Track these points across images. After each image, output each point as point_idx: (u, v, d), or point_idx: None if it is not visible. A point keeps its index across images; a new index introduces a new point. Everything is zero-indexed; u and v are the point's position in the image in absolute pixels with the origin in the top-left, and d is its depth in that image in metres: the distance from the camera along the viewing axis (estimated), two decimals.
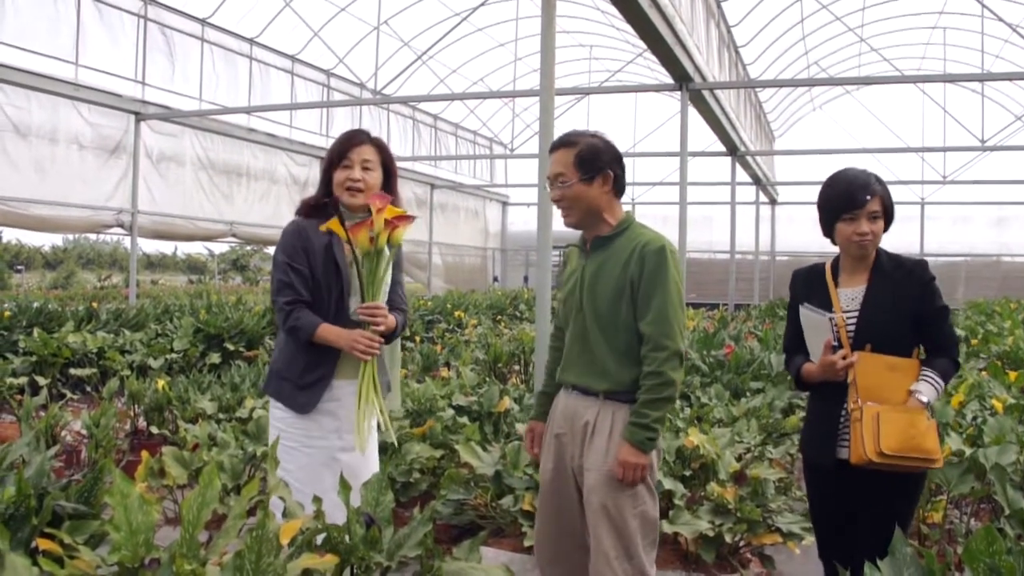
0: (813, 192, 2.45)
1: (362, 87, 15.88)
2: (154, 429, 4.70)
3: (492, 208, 23.00)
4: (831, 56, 18.20)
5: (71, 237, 40.21)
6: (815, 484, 2.48)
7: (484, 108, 20.04)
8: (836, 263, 2.45)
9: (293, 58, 14.26)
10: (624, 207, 2.43)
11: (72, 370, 6.42)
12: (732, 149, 13.64)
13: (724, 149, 13.78)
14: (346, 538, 1.80)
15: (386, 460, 3.62)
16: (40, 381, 5.68)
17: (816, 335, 2.36)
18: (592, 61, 18.72)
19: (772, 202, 20.93)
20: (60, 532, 1.72)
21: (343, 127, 12.81)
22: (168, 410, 4.79)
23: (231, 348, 7.65)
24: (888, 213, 2.33)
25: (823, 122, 20.80)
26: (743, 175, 15.73)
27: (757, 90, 16.71)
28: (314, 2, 13.57)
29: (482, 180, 21.52)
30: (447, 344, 8.77)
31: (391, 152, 2.60)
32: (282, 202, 13.59)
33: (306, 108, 14.37)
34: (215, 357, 7.26)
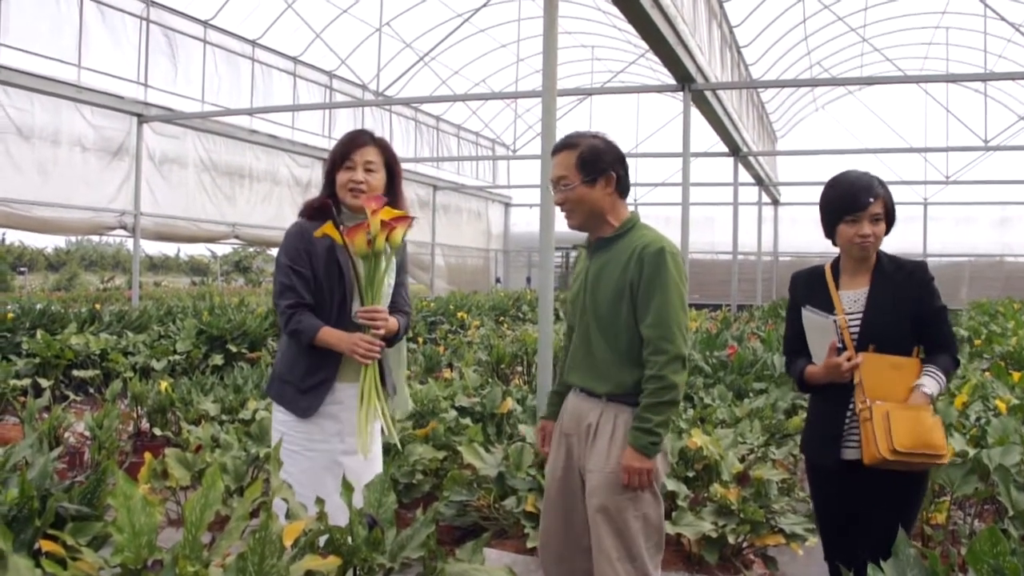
0: (816, 193, 2.45)
1: (364, 88, 15.89)
2: (157, 431, 4.71)
3: (495, 209, 23.02)
4: (833, 56, 18.18)
5: (74, 239, 40.38)
6: (818, 485, 2.48)
7: (486, 109, 20.06)
8: (836, 265, 2.45)
9: (295, 60, 14.29)
10: (628, 208, 2.42)
11: (75, 372, 6.44)
12: (734, 150, 13.62)
13: (726, 150, 13.76)
14: (349, 539, 1.80)
15: (389, 461, 3.62)
16: (43, 383, 5.68)
17: (819, 337, 2.36)
18: (594, 62, 18.72)
19: (774, 203, 20.89)
20: (63, 534, 1.73)
21: (345, 128, 12.73)
22: (171, 412, 4.79)
23: (234, 350, 7.65)
24: (890, 216, 2.34)
25: (825, 122, 20.79)
26: (745, 176, 15.71)
27: (759, 90, 16.70)
28: (316, 4, 13.59)
29: (484, 181, 21.53)
30: (450, 345, 8.76)
31: (395, 153, 2.56)
32: (284, 203, 13.61)
33: (308, 109, 14.39)
34: (218, 359, 7.28)
